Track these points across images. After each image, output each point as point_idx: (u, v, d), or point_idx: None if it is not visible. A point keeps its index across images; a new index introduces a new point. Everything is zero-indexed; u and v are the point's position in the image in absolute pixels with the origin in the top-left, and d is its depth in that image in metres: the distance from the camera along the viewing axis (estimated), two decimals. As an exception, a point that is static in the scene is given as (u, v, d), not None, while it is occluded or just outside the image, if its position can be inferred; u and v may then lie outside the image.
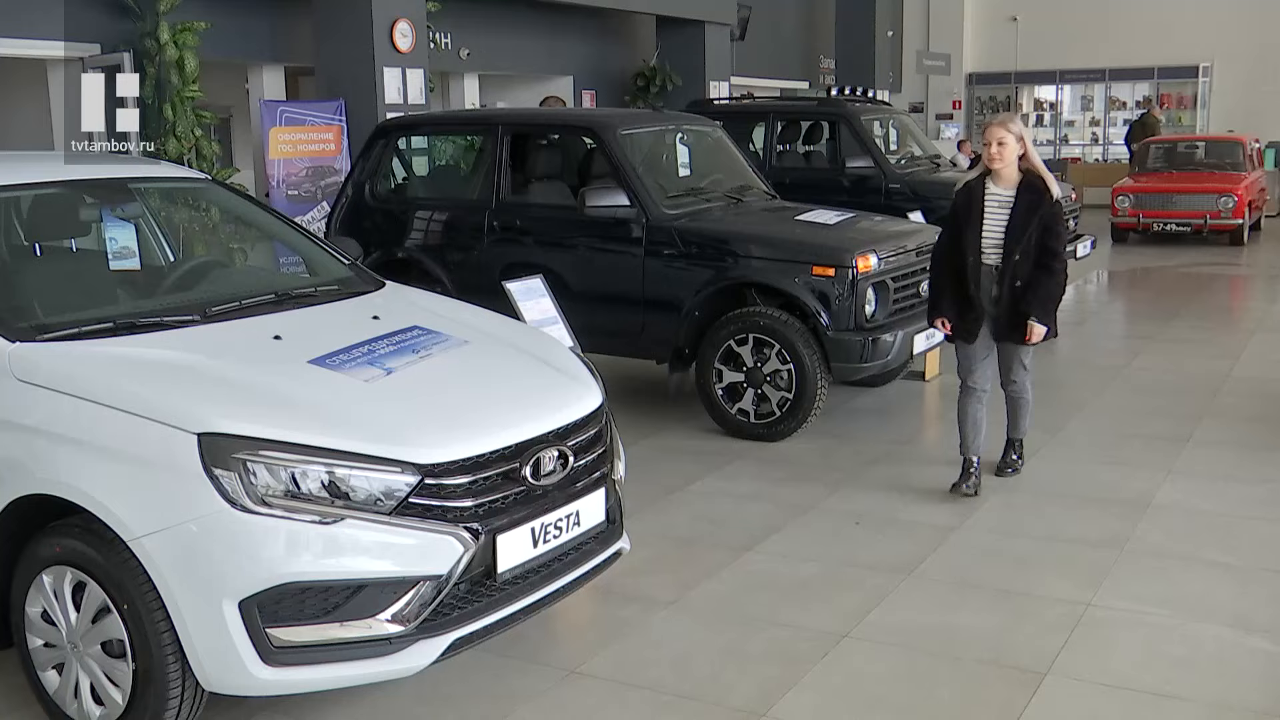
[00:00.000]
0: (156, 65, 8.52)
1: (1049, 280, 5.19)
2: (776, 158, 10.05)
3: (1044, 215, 5.16)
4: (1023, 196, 5.17)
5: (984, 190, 5.25)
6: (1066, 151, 23.25)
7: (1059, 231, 5.22)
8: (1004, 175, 5.20)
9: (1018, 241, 5.13)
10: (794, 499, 5.53)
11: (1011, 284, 5.17)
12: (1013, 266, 5.16)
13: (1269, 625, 4.11)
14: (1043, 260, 5.17)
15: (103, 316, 3.80)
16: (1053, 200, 5.17)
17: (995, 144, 5.14)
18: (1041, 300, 5.19)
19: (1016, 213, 5.15)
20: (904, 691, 3.72)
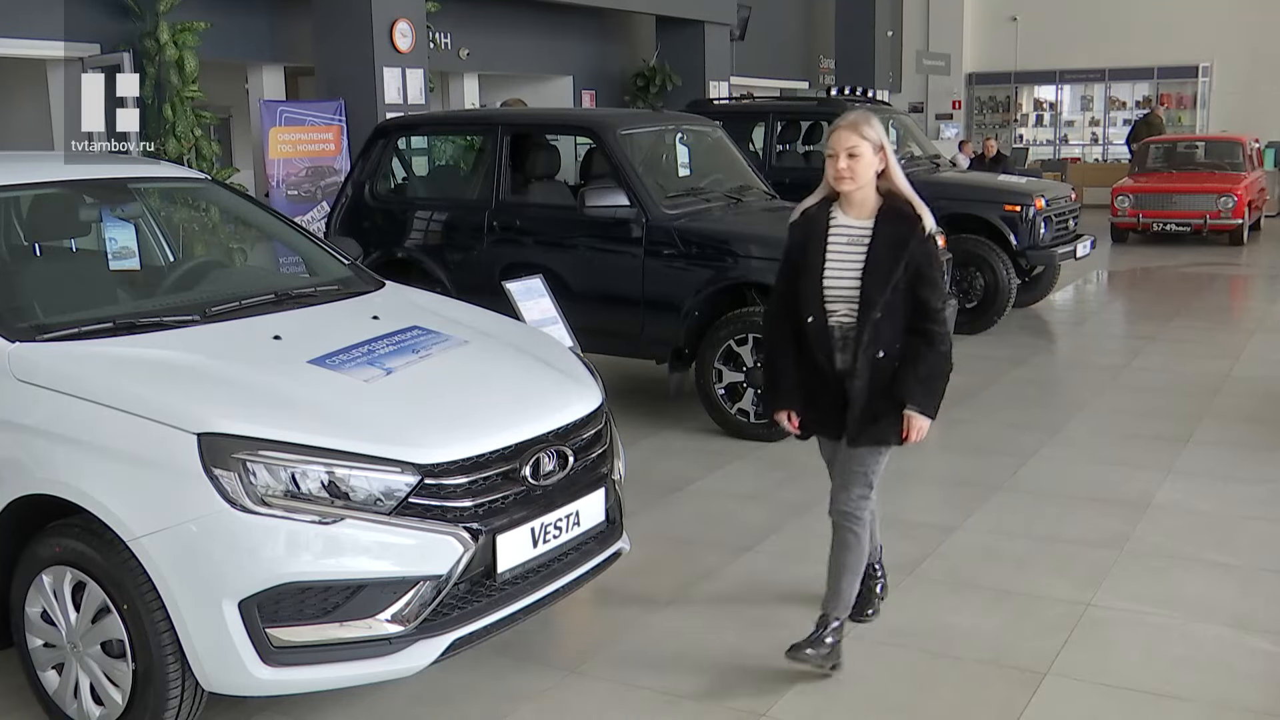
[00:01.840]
0: (156, 65, 8.52)
1: (930, 352, 3.62)
2: (776, 158, 10.05)
3: (914, 255, 3.57)
4: (884, 229, 3.59)
5: (829, 221, 3.67)
6: (1066, 151, 23.27)
7: (936, 279, 3.63)
8: (856, 200, 3.63)
9: (878, 292, 3.56)
10: (794, 499, 5.53)
11: (871, 355, 3.59)
12: (871, 328, 3.57)
13: (1269, 625, 4.11)
14: (918, 323, 3.61)
15: (103, 316, 3.80)
16: (926, 234, 3.59)
17: (844, 155, 3.56)
18: (923, 379, 3.63)
19: (875, 252, 3.58)
20: (904, 691, 3.72)
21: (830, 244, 3.67)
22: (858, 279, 3.61)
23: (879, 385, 3.64)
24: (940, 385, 3.70)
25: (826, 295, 3.64)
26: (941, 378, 3.69)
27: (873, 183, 3.62)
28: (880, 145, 3.61)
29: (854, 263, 3.63)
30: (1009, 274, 9.24)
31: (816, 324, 3.67)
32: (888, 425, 3.69)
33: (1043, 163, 21.02)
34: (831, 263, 3.66)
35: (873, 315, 3.58)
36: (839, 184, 3.61)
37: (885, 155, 3.62)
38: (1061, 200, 9.97)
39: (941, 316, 3.65)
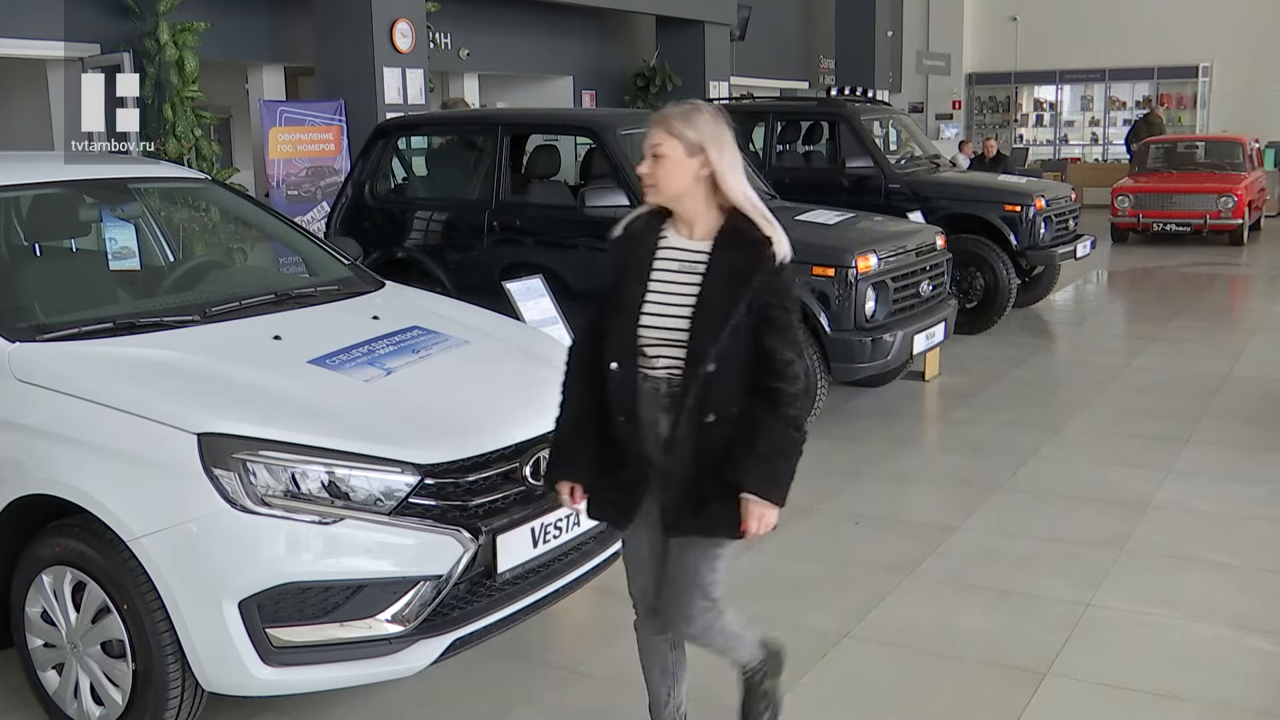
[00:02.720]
0: (156, 65, 8.52)
1: (775, 420, 2.76)
2: (776, 158, 10.05)
3: (760, 291, 2.74)
4: (722, 257, 2.78)
5: (657, 240, 2.88)
6: (1066, 151, 23.26)
7: (788, 323, 2.79)
8: (685, 214, 2.84)
9: (709, 339, 2.73)
10: (794, 499, 5.47)
11: (698, 419, 2.76)
12: (700, 386, 2.74)
13: (1269, 625, 4.11)
14: (763, 380, 2.76)
15: (103, 316, 3.80)
16: (776, 263, 2.78)
17: (649, 154, 2.85)
18: (764, 456, 2.76)
19: (710, 286, 2.76)
20: (904, 691, 3.72)
21: (656, 270, 2.82)
22: (687, 319, 2.75)
23: (708, 459, 2.77)
24: (788, 464, 2.79)
25: (643, 337, 2.79)
26: (789, 453, 2.79)
27: (696, 194, 2.80)
28: (700, 146, 2.76)
29: (683, 297, 2.77)
30: (1009, 274, 9.25)
31: (621, 373, 2.79)
32: (718, 513, 2.79)
33: (1043, 163, 21.01)
34: (654, 295, 2.80)
35: (703, 368, 2.71)
36: (645, 193, 2.88)
37: (708, 159, 2.76)
38: (1061, 200, 9.97)
39: (794, 372, 2.76)
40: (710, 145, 2.77)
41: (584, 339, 2.97)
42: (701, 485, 2.79)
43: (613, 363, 2.81)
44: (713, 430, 2.77)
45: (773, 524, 2.82)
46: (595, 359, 2.85)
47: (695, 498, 2.80)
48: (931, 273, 6.98)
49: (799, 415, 2.80)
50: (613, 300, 2.87)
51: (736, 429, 2.76)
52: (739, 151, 2.83)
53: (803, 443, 2.81)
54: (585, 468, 2.91)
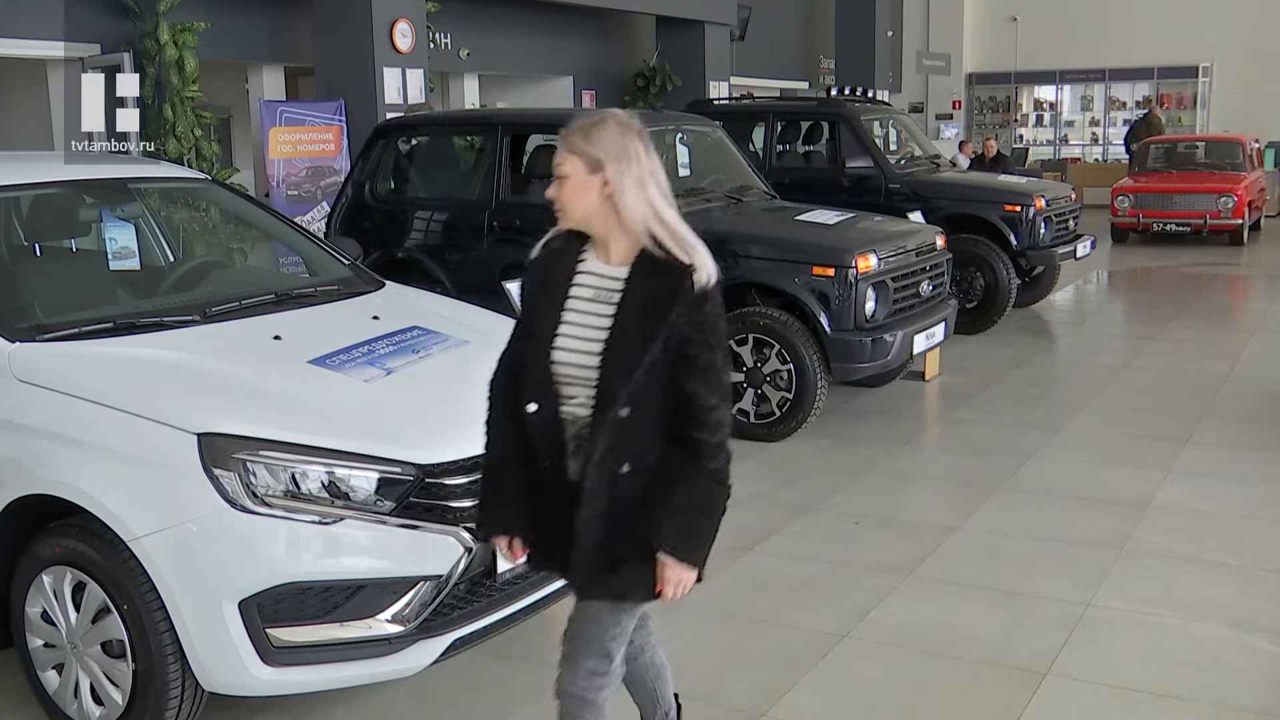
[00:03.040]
0: (156, 65, 8.52)
1: (694, 473, 2.50)
2: (776, 158, 10.05)
3: (679, 327, 2.44)
4: (638, 285, 2.48)
5: (576, 264, 2.60)
6: (1066, 151, 23.26)
7: (711, 363, 2.48)
8: (600, 237, 2.55)
9: (620, 380, 2.45)
10: (794, 499, 5.53)
11: (609, 469, 2.47)
12: (611, 431, 2.46)
13: (1269, 625, 4.11)
14: (682, 427, 2.49)
15: (103, 316, 3.80)
16: (698, 292, 2.45)
17: (556, 175, 2.56)
18: (680, 511, 2.49)
19: (623, 319, 2.48)
20: (904, 691, 3.72)
21: (572, 298, 2.54)
22: (598, 355, 2.46)
23: (622, 514, 2.48)
24: (709, 521, 2.51)
25: (557, 375, 2.51)
26: (710, 509, 2.51)
27: (605, 215, 2.49)
28: (599, 162, 2.45)
29: (595, 330, 2.48)
30: (1009, 274, 9.26)
31: (542, 415, 2.53)
32: (631, 574, 2.51)
33: (1043, 163, 21.01)
34: (568, 326, 2.52)
35: (614, 412, 2.43)
36: (559, 214, 2.58)
37: (608, 177, 2.45)
38: (1061, 200, 9.98)
39: (717, 419, 2.47)
40: (610, 161, 2.46)
41: (504, 374, 2.67)
42: (614, 542, 2.49)
43: (531, 403, 2.54)
44: (627, 481, 2.47)
45: (690, 586, 2.54)
46: (517, 396, 2.58)
47: (606, 556, 2.50)
48: (931, 273, 6.99)
49: (721, 467, 2.52)
50: (527, 330, 2.60)
51: (655, 480, 2.48)
52: (654, 165, 2.50)
53: (726, 498, 2.54)
54: (520, 517, 2.65)
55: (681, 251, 2.46)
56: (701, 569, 2.55)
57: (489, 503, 2.71)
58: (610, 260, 2.54)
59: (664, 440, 2.49)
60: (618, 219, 2.49)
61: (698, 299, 2.45)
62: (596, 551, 2.51)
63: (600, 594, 2.58)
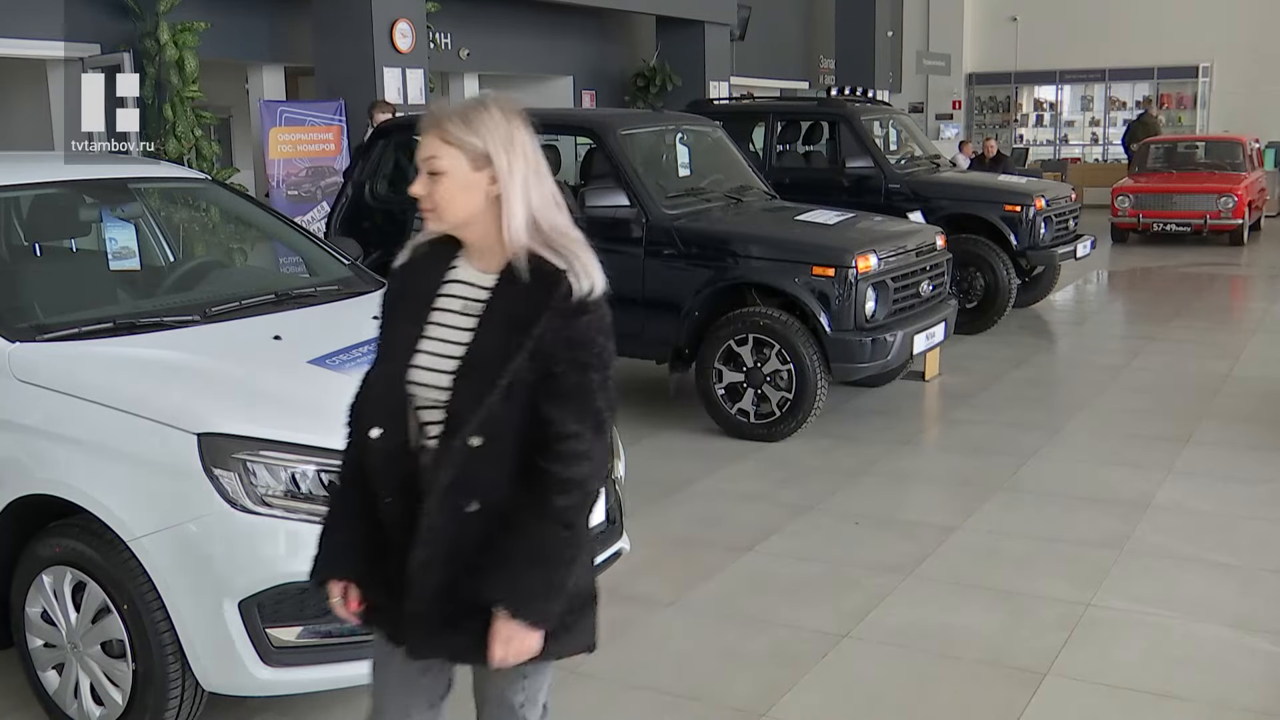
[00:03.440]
0: (156, 65, 8.53)
1: (539, 517, 2.12)
2: (776, 158, 10.05)
3: (545, 343, 2.11)
4: (504, 293, 2.16)
5: (446, 270, 2.26)
6: (1066, 152, 23.26)
7: (583, 386, 2.13)
8: (475, 241, 2.22)
9: (471, 402, 2.12)
10: (794, 499, 5.53)
11: (454, 506, 2.13)
12: (458, 462, 2.12)
13: (1269, 625, 4.11)
14: (537, 460, 2.12)
15: (103, 316, 3.80)
16: (574, 304, 2.13)
17: (424, 170, 2.20)
18: (522, 562, 2.12)
19: (483, 334, 2.16)
20: (904, 691, 3.72)
21: (437, 310, 2.21)
22: (451, 374, 2.15)
23: (466, 560, 2.13)
24: (554, 573, 2.12)
25: (415, 397, 2.17)
26: (556, 560, 2.12)
27: (489, 219, 2.16)
28: (486, 156, 2.13)
29: (455, 346, 2.17)
30: (1009, 274, 9.26)
31: (387, 443, 2.19)
32: (476, 633, 2.14)
33: (1043, 163, 21.02)
34: (429, 342, 2.19)
35: (462, 440, 2.10)
36: (426, 219, 2.23)
37: (495, 174, 2.13)
38: (1061, 200, 9.98)
39: (575, 451, 2.09)
40: (498, 154, 2.13)
41: (358, 392, 2.34)
42: (457, 594, 2.13)
43: (374, 428, 2.20)
44: (475, 522, 2.12)
45: (532, 650, 2.14)
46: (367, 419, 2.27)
47: (448, 610, 2.14)
48: (931, 273, 6.99)
49: (571, 508, 2.10)
50: (382, 345, 2.27)
51: (504, 530, 2.12)
52: (540, 158, 2.20)
53: (577, 545, 2.14)
54: (360, 562, 2.26)
55: (559, 256, 2.14)
56: (549, 628, 2.12)
57: (327, 541, 2.31)
58: (486, 267, 2.20)
59: (518, 483, 2.12)
60: (501, 222, 2.15)
61: (573, 310, 2.11)
62: (435, 603, 2.14)
63: (437, 653, 2.23)
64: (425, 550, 2.13)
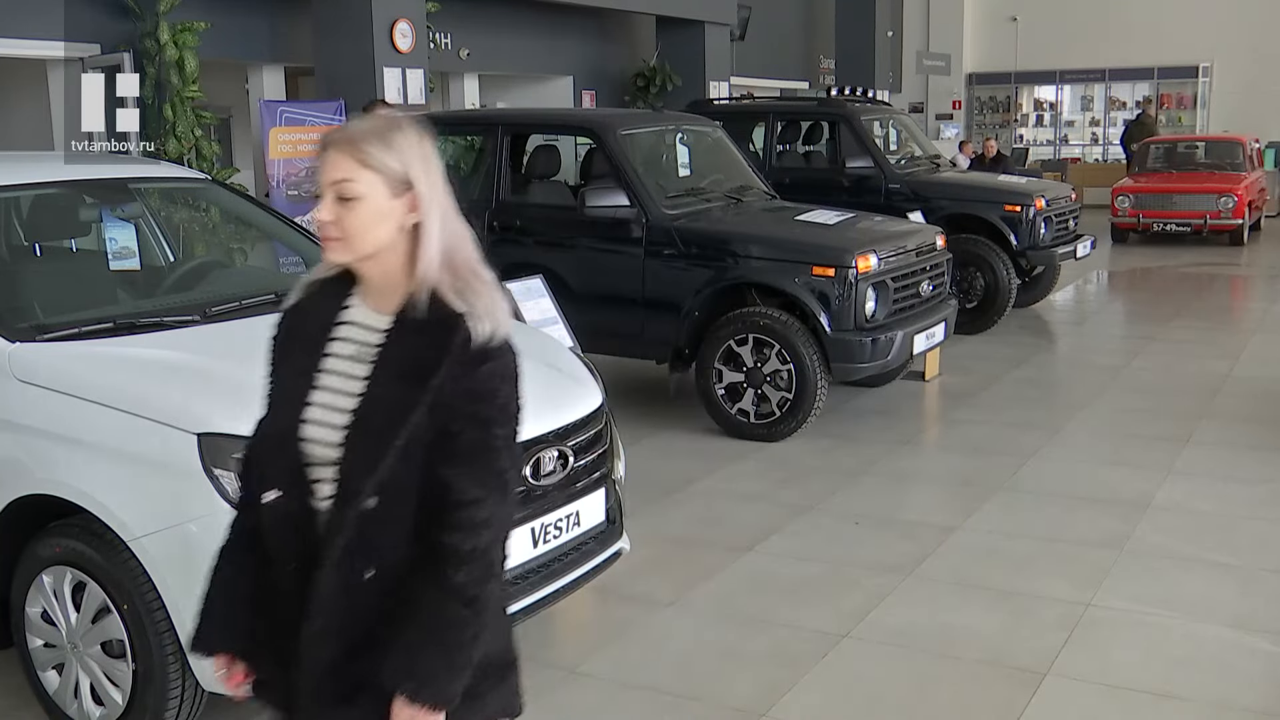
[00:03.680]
0: (156, 65, 8.52)
1: (436, 592, 1.90)
2: (776, 158, 10.05)
3: (446, 389, 1.90)
4: (400, 340, 1.95)
5: (339, 311, 2.03)
6: (1066, 152, 23.26)
7: (482, 443, 1.92)
8: (375, 280, 1.98)
9: (365, 463, 1.92)
10: (794, 499, 5.53)
11: (348, 574, 1.94)
12: (353, 527, 1.92)
13: (1269, 625, 4.11)
14: (435, 529, 1.91)
15: (103, 316, 3.80)
16: (478, 350, 1.93)
17: (332, 194, 1.92)
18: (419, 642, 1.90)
19: (377, 383, 1.95)
20: (904, 691, 3.72)
21: (330, 357, 1.99)
22: (342, 430, 1.94)
23: (360, 632, 1.94)
24: (453, 654, 1.90)
25: (307, 454, 1.96)
26: (455, 640, 1.90)
27: (397, 252, 1.93)
28: (406, 181, 1.91)
29: (349, 398, 1.95)
30: (1009, 274, 9.27)
31: (285, 507, 1.98)
32: (371, 710, 1.92)
33: (1043, 163, 21.01)
34: (321, 393, 1.98)
35: (357, 503, 1.90)
36: (326, 250, 1.96)
37: (416, 200, 1.91)
38: (1061, 200, 9.98)
39: (475, 519, 1.89)
40: (419, 179, 1.91)
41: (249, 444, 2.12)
42: (351, 669, 1.94)
43: (269, 491, 1.99)
44: (371, 590, 1.92)
45: None
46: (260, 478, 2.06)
47: (341, 686, 1.94)
48: (931, 273, 6.99)
49: (472, 583, 1.89)
50: (271, 398, 2.05)
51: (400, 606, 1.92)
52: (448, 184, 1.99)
53: (480, 623, 1.92)
54: (247, 633, 2.06)
55: (459, 298, 1.92)
56: (452, 707, 1.92)
57: (211, 609, 2.09)
58: (383, 307, 1.97)
59: (417, 552, 1.93)
60: (412, 256, 1.93)
61: (472, 358, 1.90)
62: (328, 677, 1.94)
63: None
64: (318, 621, 1.93)
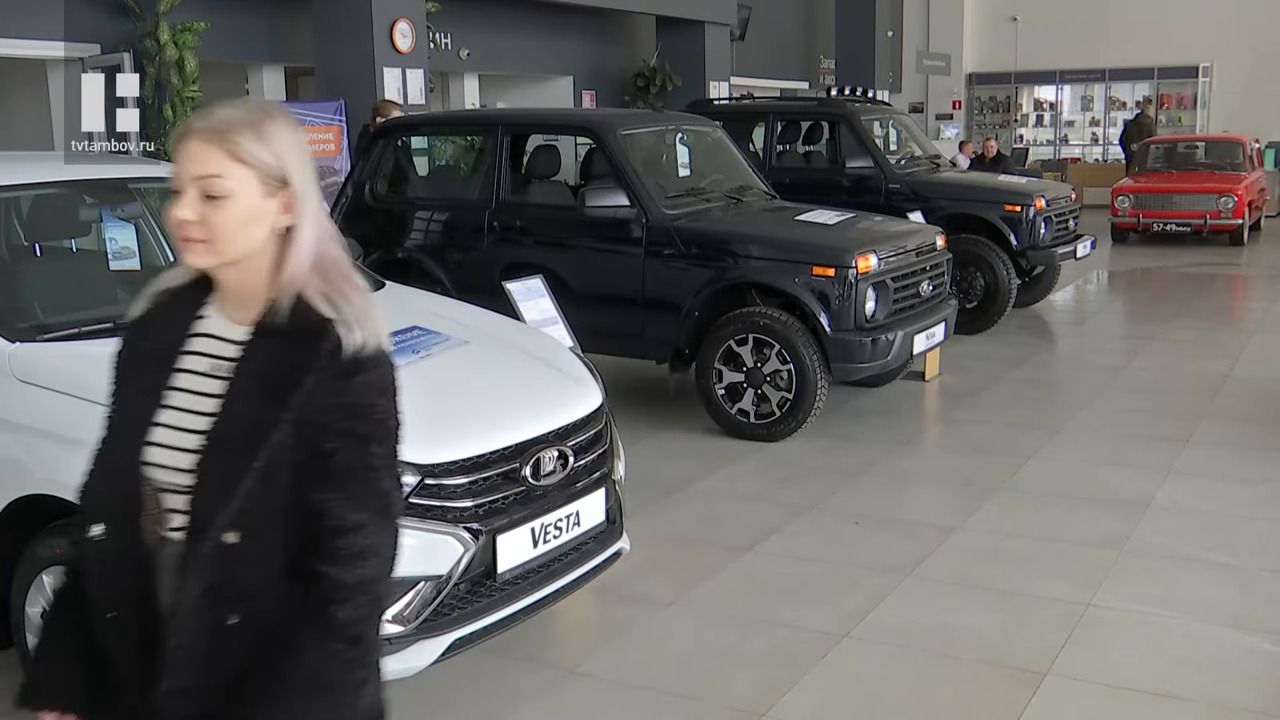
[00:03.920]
0: (156, 65, 8.53)
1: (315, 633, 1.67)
2: (776, 158, 10.05)
3: (314, 405, 1.67)
4: (261, 351, 1.72)
5: (193, 322, 1.80)
6: (1066, 152, 23.27)
7: (361, 461, 1.70)
8: (233, 285, 1.76)
9: (223, 489, 1.66)
10: (794, 499, 5.53)
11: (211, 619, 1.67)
12: (210, 565, 1.67)
13: (1269, 625, 4.11)
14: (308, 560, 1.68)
15: (103, 316, 3.79)
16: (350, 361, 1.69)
17: (194, 191, 1.68)
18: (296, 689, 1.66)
19: (234, 400, 1.71)
20: (904, 691, 3.72)
21: (181, 372, 1.77)
22: (195, 455, 1.71)
23: (228, 685, 1.69)
24: (345, 701, 1.73)
25: (154, 483, 1.73)
26: (338, 685, 1.70)
27: (265, 257, 1.73)
28: (282, 177, 1.71)
29: (202, 418, 1.73)
30: (1009, 274, 9.27)
31: (112, 545, 1.76)
32: None
33: (1043, 163, 21.02)
34: (171, 413, 1.75)
35: (213, 537, 1.66)
36: (185, 252, 1.73)
37: (292, 199, 1.72)
38: (1061, 200, 9.98)
39: (356, 548, 1.70)
40: (297, 176, 1.72)
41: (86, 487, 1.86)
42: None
43: (95, 525, 1.76)
44: (237, 638, 1.68)
45: None
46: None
47: None
48: (931, 273, 6.99)
49: (358, 620, 1.70)
50: (111, 420, 1.84)
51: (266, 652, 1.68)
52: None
53: (367, 664, 1.76)
54: (79, 687, 1.80)
55: (327, 303, 1.71)
56: None
57: (44, 658, 1.85)
58: (239, 317, 1.76)
59: (287, 591, 1.69)
60: (280, 261, 1.72)
61: (343, 369, 1.68)
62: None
63: None
64: (176, 676, 1.67)
